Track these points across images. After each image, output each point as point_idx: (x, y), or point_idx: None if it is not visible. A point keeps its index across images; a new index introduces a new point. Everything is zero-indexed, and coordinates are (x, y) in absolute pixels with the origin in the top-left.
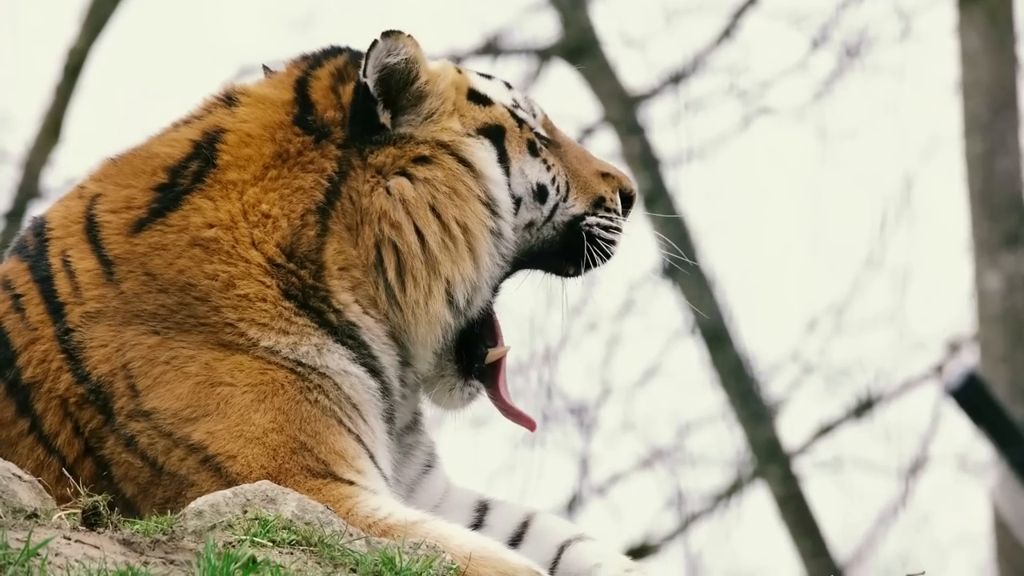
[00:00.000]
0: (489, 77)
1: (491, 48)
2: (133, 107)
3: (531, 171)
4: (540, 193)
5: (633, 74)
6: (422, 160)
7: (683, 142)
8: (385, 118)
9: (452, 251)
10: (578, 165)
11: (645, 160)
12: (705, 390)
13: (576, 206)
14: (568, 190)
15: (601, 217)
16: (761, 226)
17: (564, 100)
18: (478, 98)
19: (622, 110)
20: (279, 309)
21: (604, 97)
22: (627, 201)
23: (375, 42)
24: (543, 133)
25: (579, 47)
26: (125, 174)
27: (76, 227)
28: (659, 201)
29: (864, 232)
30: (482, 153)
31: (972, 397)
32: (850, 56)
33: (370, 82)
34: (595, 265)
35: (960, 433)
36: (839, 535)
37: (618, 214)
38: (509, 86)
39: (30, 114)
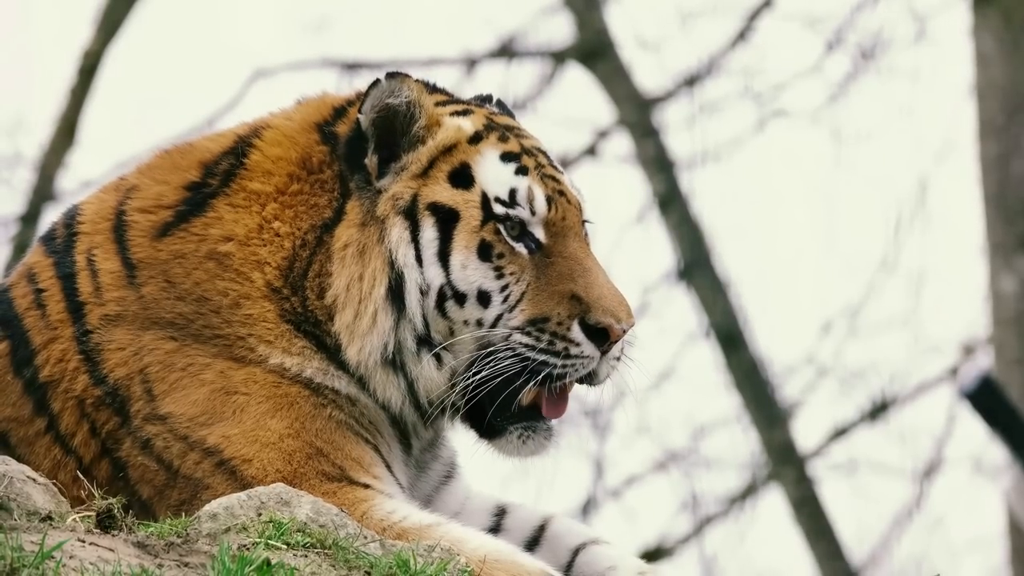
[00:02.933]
0: (520, 155)
1: (506, 51)
2: (148, 109)
3: (475, 272)
4: (482, 297)
5: (648, 76)
6: (361, 224)
7: (698, 144)
8: (372, 162)
9: (356, 329)
10: (556, 281)
11: (660, 162)
12: (720, 393)
13: (515, 320)
14: (518, 303)
15: (531, 336)
16: (775, 228)
17: (579, 103)
18: (460, 177)
19: (637, 113)
20: (280, 330)
21: (619, 99)
22: (593, 332)
23: (377, 81)
24: (537, 234)
25: (594, 50)
26: (164, 168)
27: (105, 224)
28: (674, 204)
29: (879, 235)
30: (395, 234)
31: (986, 400)
32: (865, 58)
33: (364, 119)
34: (510, 389)
35: (975, 435)
36: (854, 538)
37: (565, 339)
38: (527, 169)
39: (45, 116)
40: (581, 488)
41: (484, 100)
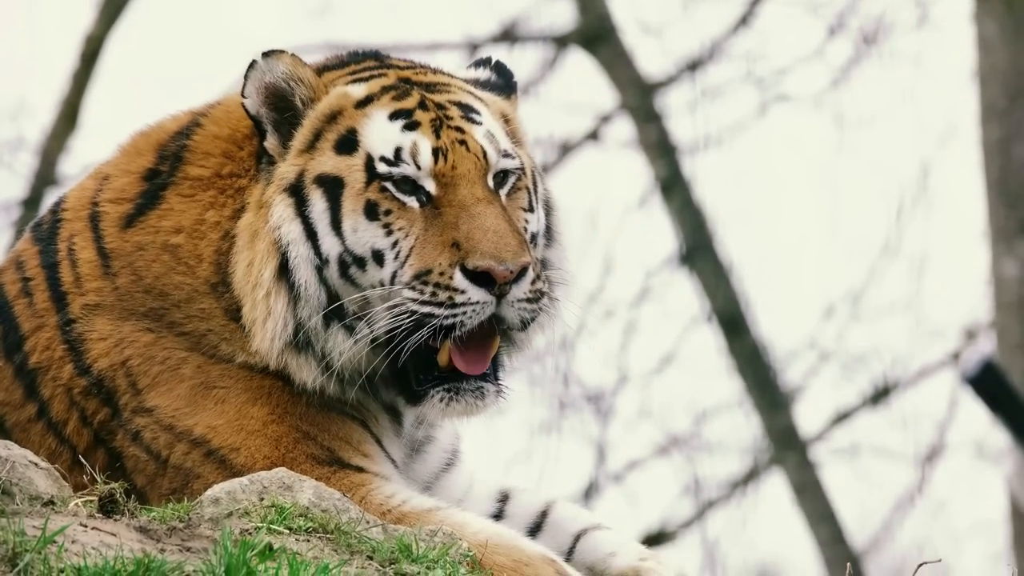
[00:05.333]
0: (413, 111)
1: (508, 35)
2: (150, 94)
3: (365, 233)
4: (377, 257)
5: (650, 61)
6: (256, 209)
7: (700, 129)
8: (271, 143)
9: (256, 319)
10: (441, 231)
11: (662, 147)
12: (722, 377)
13: (405, 275)
14: (408, 258)
15: (416, 290)
16: (778, 213)
17: (581, 88)
18: (345, 144)
19: (639, 97)
20: (231, 327)
21: (621, 84)
22: (476, 277)
23: (253, 62)
24: (427, 187)
25: (596, 34)
26: (131, 154)
27: (84, 212)
28: (676, 188)
29: (881, 219)
30: (277, 212)
31: (988, 384)
32: (867, 43)
33: (249, 103)
34: (406, 346)
35: (977, 420)
36: (856, 522)
37: (448, 289)
38: (416, 124)
39: (47, 101)
40: (583, 472)
41: (483, 64)
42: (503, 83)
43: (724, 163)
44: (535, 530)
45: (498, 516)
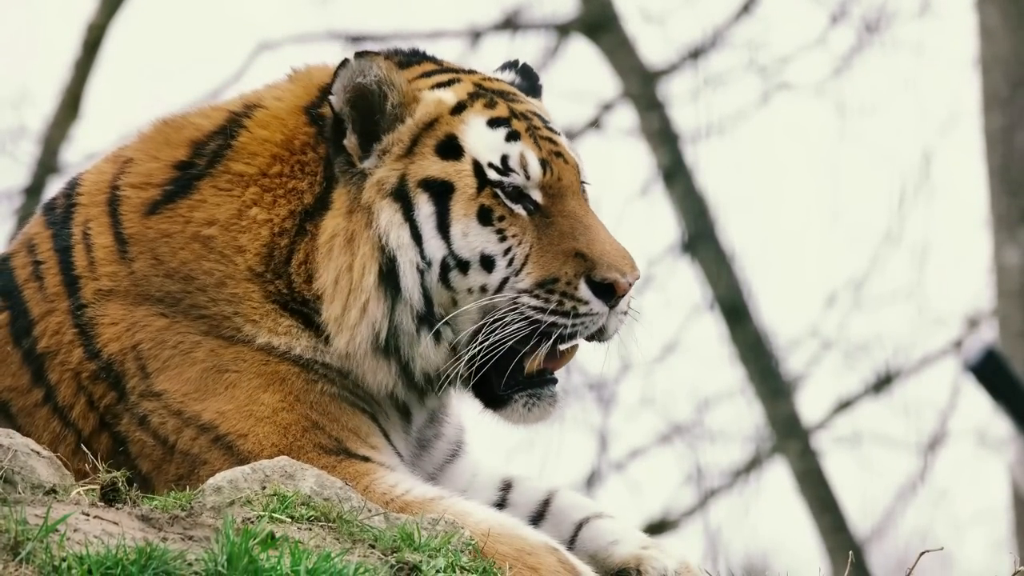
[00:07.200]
0: (509, 120)
1: (510, 23)
2: (152, 82)
3: (476, 238)
4: (486, 262)
5: (652, 49)
6: (347, 212)
7: (702, 117)
8: (351, 143)
9: (345, 321)
10: (558, 240)
11: (664, 135)
12: (724, 365)
13: (523, 283)
14: (524, 265)
15: (540, 299)
16: (780, 201)
17: (583, 76)
18: (448, 149)
19: (641, 85)
20: (265, 309)
21: (623, 72)
22: (600, 288)
23: (346, 61)
24: (534, 196)
25: (598, 22)
26: (157, 142)
27: (101, 197)
28: (678, 176)
29: (883, 207)
30: (384, 218)
31: (991, 372)
32: (869, 31)
33: (336, 101)
34: (526, 349)
35: (979, 408)
36: (858, 510)
37: (574, 299)
38: (518, 134)
39: (49, 89)
40: (586, 461)
41: (510, 66)
42: (528, 86)
43: (726, 151)
44: (537, 519)
45: (501, 505)
